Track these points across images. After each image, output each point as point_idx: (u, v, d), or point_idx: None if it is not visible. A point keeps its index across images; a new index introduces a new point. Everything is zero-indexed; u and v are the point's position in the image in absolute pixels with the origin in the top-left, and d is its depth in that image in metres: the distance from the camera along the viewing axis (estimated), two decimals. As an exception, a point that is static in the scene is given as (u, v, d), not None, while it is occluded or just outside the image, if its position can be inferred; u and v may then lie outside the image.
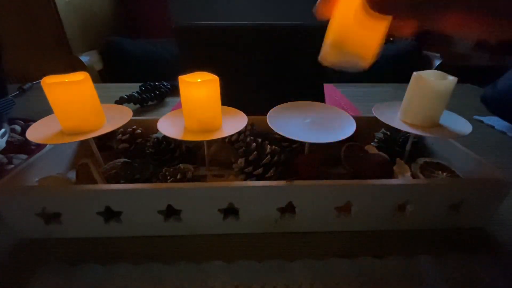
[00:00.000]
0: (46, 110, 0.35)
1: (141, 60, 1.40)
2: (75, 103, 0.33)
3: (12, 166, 0.43)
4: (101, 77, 1.31)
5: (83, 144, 0.45)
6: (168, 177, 0.35)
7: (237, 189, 0.31)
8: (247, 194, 0.32)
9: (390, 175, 0.38)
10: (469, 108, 0.78)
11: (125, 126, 0.40)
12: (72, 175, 0.39)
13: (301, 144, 0.41)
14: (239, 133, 0.42)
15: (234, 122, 0.38)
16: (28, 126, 0.36)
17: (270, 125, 0.36)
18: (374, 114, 0.39)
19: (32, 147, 0.48)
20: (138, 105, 0.78)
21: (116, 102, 0.73)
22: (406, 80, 0.38)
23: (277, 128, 0.36)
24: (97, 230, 0.33)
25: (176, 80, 0.35)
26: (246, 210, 0.33)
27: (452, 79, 0.34)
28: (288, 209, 0.33)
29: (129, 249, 0.32)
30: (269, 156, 0.35)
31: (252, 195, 0.32)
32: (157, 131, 0.37)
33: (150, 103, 0.80)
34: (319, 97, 0.56)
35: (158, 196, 0.31)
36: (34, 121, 0.37)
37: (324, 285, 0.28)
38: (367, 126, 0.46)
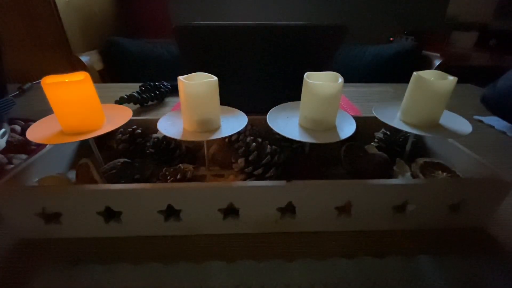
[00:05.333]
0: (46, 110, 0.35)
1: (141, 60, 1.40)
2: (75, 103, 0.33)
3: (12, 166, 0.43)
4: (101, 77, 1.31)
5: (83, 144, 0.45)
6: (168, 177, 0.35)
7: (237, 189, 0.31)
8: (247, 194, 0.32)
9: (390, 175, 0.38)
10: (469, 108, 0.78)
11: (125, 126, 0.40)
12: (72, 175, 0.39)
13: (301, 144, 0.41)
14: (239, 133, 0.42)
15: (234, 122, 0.38)
16: (28, 126, 0.36)
17: (270, 125, 0.36)
18: (374, 114, 0.39)
19: (32, 147, 0.48)
20: (138, 105, 0.78)
21: (116, 102, 0.73)
22: (406, 80, 0.38)
23: (277, 128, 0.36)
24: (97, 230, 0.33)
25: (176, 80, 0.35)
26: (246, 210, 0.33)
27: (452, 79, 0.34)
28: (288, 209, 0.33)
29: (129, 249, 0.32)
30: (269, 156, 0.35)
31: (252, 195, 0.32)
32: (157, 131, 0.37)
33: (150, 103, 0.80)
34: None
35: (158, 196, 0.31)
36: (34, 121, 0.37)
37: (324, 285, 0.28)
38: (367, 126, 0.46)
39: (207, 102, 0.35)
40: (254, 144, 0.37)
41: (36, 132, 0.34)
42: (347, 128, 0.36)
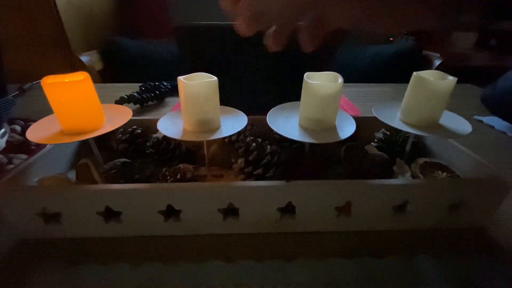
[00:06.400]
0: (46, 110, 0.35)
1: (141, 60, 1.40)
2: (75, 103, 0.33)
3: (12, 166, 0.43)
4: (101, 77, 1.31)
5: (83, 144, 0.45)
6: (168, 177, 0.35)
7: (237, 189, 0.31)
8: (247, 194, 0.32)
9: (390, 175, 0.38)
10: (469, 108, 0.78)
11: (125, 126, 0.40)
12: (72, 175, 0.39)
13: (301, 144, 0.41)
14: (239, 133, 0.42)
15: (234, 122, 0.38)
16: (28, 126, 0.36)
17: (270, 125, 0.36)
18: (374, 114, 0.39)
19: (32, 147, 0.48)
20: (138, 105, 0.78)
21: (116, 102, 0.73)
22: (406, 80, 0.38)
23: (277, 128, 0.36)
24: (97, 230, 0.33)
25: (176, 80, 0.35)
26: (246, 210, 0.33)
27: (452, 79, 0.34)
28: (288, 209, 0.33)
29: (129, 249, 0.32)
30: (269, 156, 0.35)
31: (252, 195, 0.32)
32: (157, 131, 0.37)
33: (150, 103, 0.80)
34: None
35: (158, 196, 0.31)
36: (34, 121, 0.37)
37: (324, 285, 0.28)
38: (367, 126, 0.46)
39: (207, 102, 0.35)
40: (254, 144, 0.37)
41: (36, 132, 0.34)
42: (347, 128, 0.36)
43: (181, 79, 0.34)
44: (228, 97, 0.40)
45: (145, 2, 1.72)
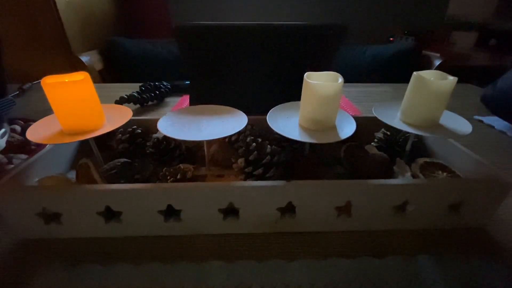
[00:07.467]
0: (46, 110, 0.35)
1: (141, 60, 1.40)
2: (75, 103, 0.33)
3: (12, 166, 0.43)
4: (101, 77, 1.31)
5: (83, 144, 0.45)
6: (168, 177, 0.35)
7: (237, 189, 0.31)
8: (247, 194, 0.32)
9: (390, 175, 0.38)
10: (469, 108, 0.78)
11: (125, 126, 0.40)
12: (72, 175, 0.39)
13: (301, 144, 0.41)
14: (239, 133, 0.42)
15: (234, 122, 0.38)
16: (28, 126, 0.36)
17: (270, 125, 0.36)
18: (374, 114, 0.39)
19: (32, 147, 0.48)
20: (138, 105, 0.78)
21: (116, 102, 0.73)
22: (406, 80, 0.38)
23: (277, 128, 0.36)
24: (97, 230, 0.33)
25: (176, 80, 0.35)
26: (246, 210, 0.33)
27: (452, 79, 0.34)
28: (288, 209, 0.33)
29: (129, 249, 0.32)
30: (269, 156, 0.35)
31: (252, 195, 0.32)
32: (157, 131, 0.37)
33: (150, 103, 0.80)
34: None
35: (158, 196, 0.31)
36: (34, 121, 0.37)
37: (324, 285, 0.28)
38: (367, 126, 0.46)
39: None
40: (254, 144, 0.37)
41: (36, 132, 0.34)
42: (347, 128, 0.36)
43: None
44: (228, 97, 0.40)
45: (145, 2, 1.72)
